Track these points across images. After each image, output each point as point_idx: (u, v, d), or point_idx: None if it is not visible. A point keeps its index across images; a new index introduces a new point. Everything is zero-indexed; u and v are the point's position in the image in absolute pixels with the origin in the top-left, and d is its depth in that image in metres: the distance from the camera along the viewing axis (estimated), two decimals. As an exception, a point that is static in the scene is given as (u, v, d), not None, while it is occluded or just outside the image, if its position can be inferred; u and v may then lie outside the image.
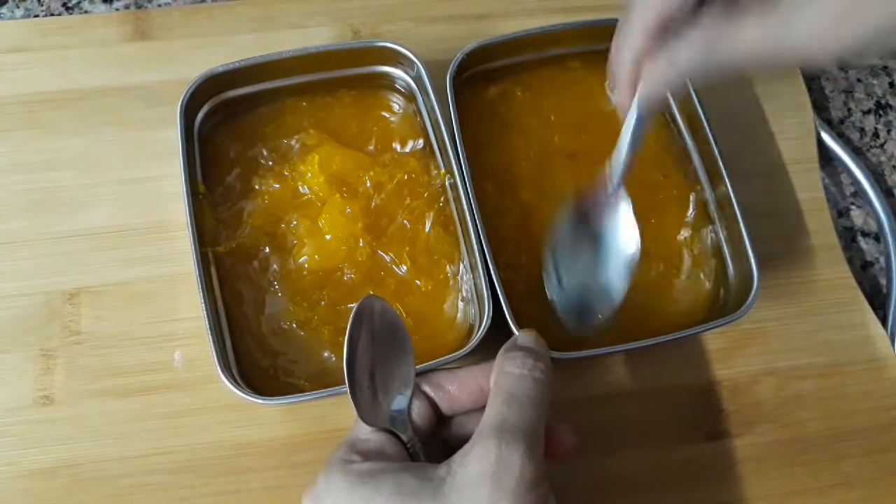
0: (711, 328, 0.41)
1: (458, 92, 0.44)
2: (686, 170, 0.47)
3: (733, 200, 0.43)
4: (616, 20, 0.46)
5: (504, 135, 0.47)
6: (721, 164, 0.44)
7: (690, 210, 0.46)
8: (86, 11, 0.52)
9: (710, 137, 0.44)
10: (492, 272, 0.40)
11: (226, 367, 0.38)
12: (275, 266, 0.43)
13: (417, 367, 0.38)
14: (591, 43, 0.48)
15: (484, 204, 0.42)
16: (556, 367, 0.44)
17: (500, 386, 0.33)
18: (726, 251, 0.45)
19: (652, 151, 0.47)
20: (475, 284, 0.42)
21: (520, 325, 0.38)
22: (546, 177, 0.46)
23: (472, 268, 0.42)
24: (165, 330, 0.43)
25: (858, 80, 0.54)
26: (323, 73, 0.47)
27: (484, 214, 0.41)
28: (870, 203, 0.50)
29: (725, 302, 0.44)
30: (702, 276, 0.45)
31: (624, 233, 0.40)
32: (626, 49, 0.33)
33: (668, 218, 0.46)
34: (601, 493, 0.42)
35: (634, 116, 0.35)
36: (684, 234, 0.46)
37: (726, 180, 0.44)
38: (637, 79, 0.34)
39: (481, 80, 0.48)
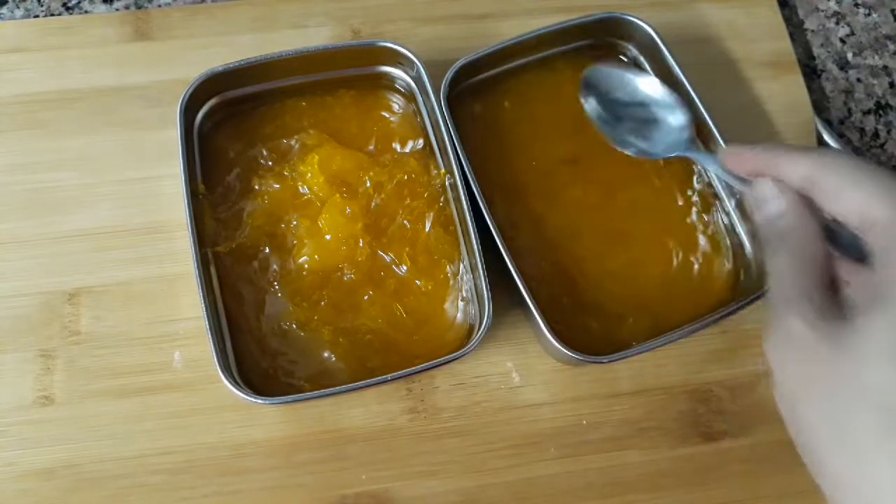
0: (744, 305, 0.41)
1: (454, 106, 0.44)
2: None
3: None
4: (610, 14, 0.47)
5: (504, 147, 0.47)
6: (716, 132, 0.44)
7: (695, 185, 0.47)
8: (86, 11, 0.52)
9: (709, 121, 0.45)
10: (516, 279, 0.40)
11: (226, 368, 0.38)
12: (275, 266, 0.43)
13: (417, 367, 0.38)
14: (583, 39, 0.49)
15: (495, 216, 0.42)
16: (570, 370, 0.44)
17: None
18: (740, 228, 0.45)
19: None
20: (475, 284, 0.42)
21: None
22: (552, 186, 0.46)
23: (473, 268, 0.42)
24: (165, 330, 0.43)
25: (858, 81, 0.54)
26: (323, 74, 0.47)
27: (499, 227, 0.41)
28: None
29: (747, 283, 0.44)
30: (722, 259, 0.45)
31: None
32: (773, 163, 0.32)
33: (673, 201, 0.47)
34: (601, 492, 0.42)
35: (721, 174, 0.36)
36: (694, 216, 0.46)
37: (717, 137, 0.44)
38: (750, 171, 0.33)
39: (471, 96, 0.48)
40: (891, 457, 0.24)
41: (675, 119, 0.42)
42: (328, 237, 0.43)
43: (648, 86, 0.44)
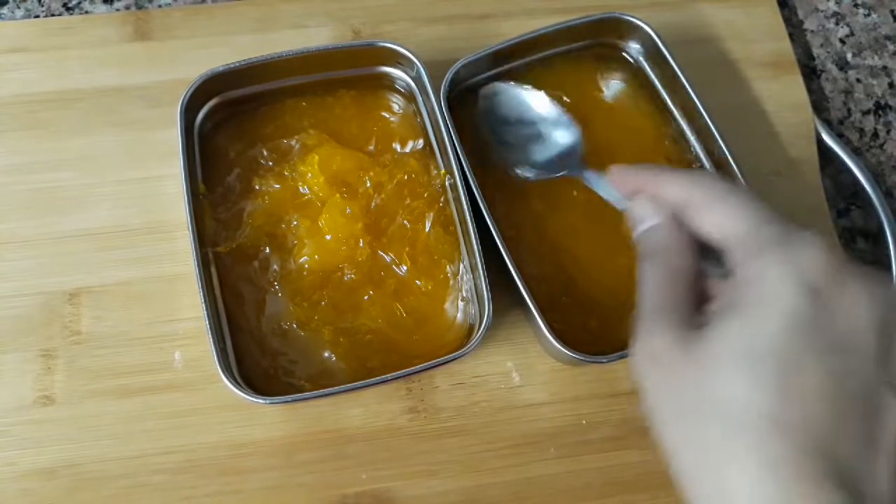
0: None
1: (454, 107, 0.44)
2: (682, 147, 0.48)
3: (735, 169, 0.44)
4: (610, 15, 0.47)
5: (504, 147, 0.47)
6: (715, 132, 0.45)
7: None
8: (86, 12, 0.52)
9: (710, 124, 0.45)
10: (516, 279, 0.40)
11: (226, 368, 0.38)
12: (275, 266, 0.43)
13: (417, 367, 0.38)
14: (583, 39, 0.49)
15: (495, 216, 0.42)
16: (570, 369, 0.44)
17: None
18: None
19: (652, 140, 0.48)
20: (475, 284, 0.42)
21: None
22: (552, 186, 0.46)
23: (473, 268, 0.42)
24: (165, 330, 0.43)
25: (858, 81, 0.54)
26: (323, 74, 0.47)
27: (499, 227, 0.41)
28: (870, 203, 0.50)
29: None
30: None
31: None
32: (651, 185, 0.33)
33: None
34: (600, 492, 0.42)
35: (605, 193, 0.39)
36: None
37: (724, 150, 0.44)
38: (632, 190, 0.34)
39: (472, 96, 0.48)
40: (737, 465, 0.24)
41: (567, 137, 0.44)
42: (328, 237, 0.43)
43: (540, 103, 0.45)
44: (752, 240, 0.28)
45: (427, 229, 0.44)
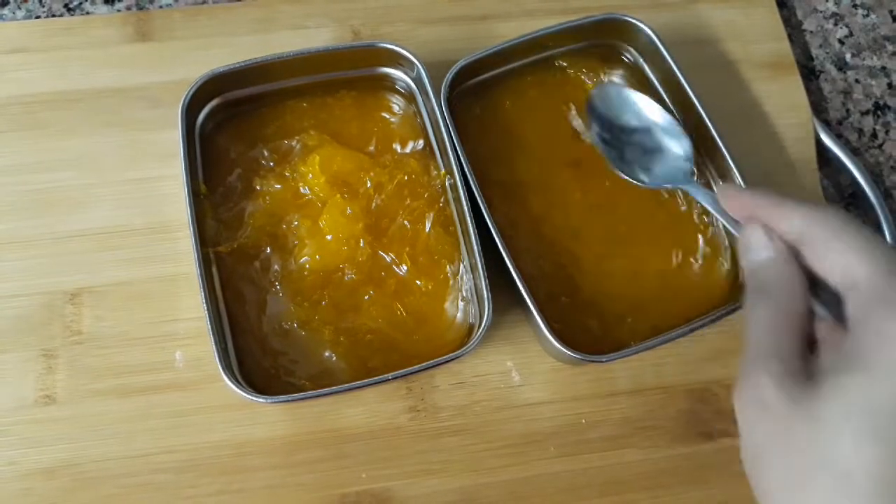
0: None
1: (454, 107, 0.44)
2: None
3: (734, 170, 0.44)
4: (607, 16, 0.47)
5: (504, 148, 0.47)
6: (714, 133, 0.45)
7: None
8: (87, 12, 0.52)
9: (708, 122, 0.45)
10: (516, 278, 0.40)
11: (227, 367, 0.38)
12: (276, 266, 0.43)
13: (417, 366, 0.38)
14: (582, 40, 0.49)
15: (495, 216, 0.42)
16: (569, 369, 0.44)
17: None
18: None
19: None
20: (475, 284, 0.42)
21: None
22: (552, 186, 0.47)
23: (473, 268, 0.43)
24: (167, 330, 0.43)
25: (857, 81, 0.55)
26: (323, 75, 0.47)
27: (499, 227, 0.41)
28: (868, 203, 0.50)
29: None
30: (721, 260, 0.45)
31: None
32: (757, 208, 0.31)
33: (673, 202, 0.47)
34: (600, 491, 0.42)
35: (714, 209, 0.36)
36: (695, 217, 0.47)
37: (723, 150, 0.44)
38: (744, 214, 0.32)
39: (471, 97, 0.48)
40: None
41: (678, 148, 0.42)
42: (329, 237, 0.43)
43: (653, 111, 0.43)
44: (877, 286, 0.26)
45: (427, 229, 0.44)
